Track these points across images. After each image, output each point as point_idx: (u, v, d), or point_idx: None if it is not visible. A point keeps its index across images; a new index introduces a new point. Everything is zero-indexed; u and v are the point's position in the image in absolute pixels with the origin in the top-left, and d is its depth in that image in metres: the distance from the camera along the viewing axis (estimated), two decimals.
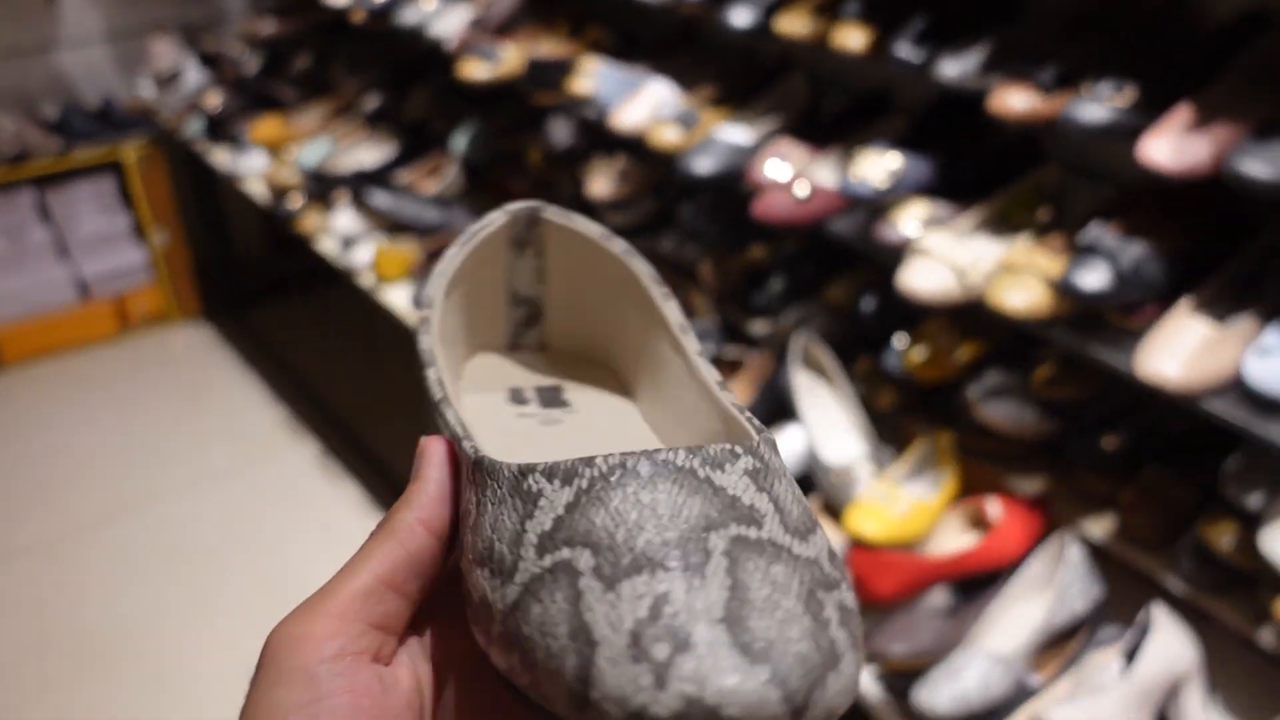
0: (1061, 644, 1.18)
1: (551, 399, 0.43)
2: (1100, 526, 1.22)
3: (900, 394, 1.40)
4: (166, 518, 2.36)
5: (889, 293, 1.25)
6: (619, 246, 0.42)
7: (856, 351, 1.47)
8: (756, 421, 0.35)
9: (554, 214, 0.42)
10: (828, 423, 1.39)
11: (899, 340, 1.38)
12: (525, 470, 0.31)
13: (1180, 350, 1.01)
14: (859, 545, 1.18)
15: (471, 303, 0.42)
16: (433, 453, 0.36)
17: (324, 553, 2.25)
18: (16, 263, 2.83)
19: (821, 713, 0.26)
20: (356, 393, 2.69)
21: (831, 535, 1.29)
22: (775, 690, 0.26)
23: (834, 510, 1.34)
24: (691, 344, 0.40)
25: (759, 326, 1.61)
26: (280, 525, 2.33)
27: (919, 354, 1.34)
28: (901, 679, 1.15)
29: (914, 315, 1.41)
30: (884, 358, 1.38)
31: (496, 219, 0.41)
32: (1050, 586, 1.17)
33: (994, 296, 1.12)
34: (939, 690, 1.08)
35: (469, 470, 0.34)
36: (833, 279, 1.51)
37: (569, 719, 0.27)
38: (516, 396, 0.43)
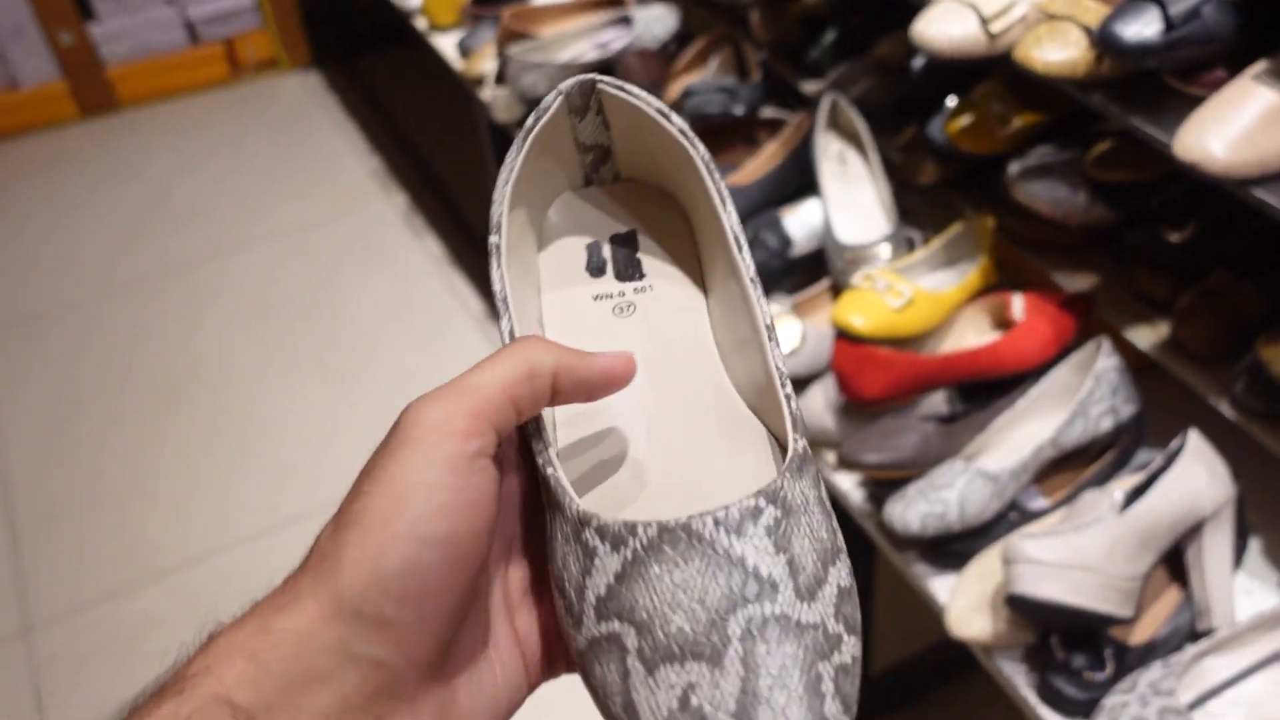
0: (1083, 467, 1.03)
1: (627, 265, 0.44)
2: (1149, 335, 1.04)
3: (943, 168, 1.21)
4: (253, 264, 2.38)
5: None
6: (676, 125, 0.41)
7: (906, 118, 1.28)
8: (794, 407, 0.37)
9: (609, 85, 0.41)
10: (851, 196, 1.22)
11: (951, 103, 1.19)
12: (583, 521, 0.34)
13: (1233, 126, 0.80)
14: (844, 337, 1.04)
15: (537, 180, 0.43)
16: (612, 366, 0.37)
17: (397, 305, 2.23)
18: (125, 2, 2.81)
19: None
20: (447, 150, 2.61)
21: (822, 323, 1.14)
22: None
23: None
24: (747, 265, 0.40)
25: (810, 87, 1.42)
26: (358, 275, 2.32)
27: (964, 121, 1.14)
28: (882, 488, 1.03)
29: (969, 78, 1.20)
30: (929, 125, 1.19)
31: (548, 103, 0.41)
32: (1072, 400, 1.01)
33: (1025, 51, 0.92)
34: (912, 506, 0.96)
35: (542, 479, 0.37)
36: (885, 34, 1.30)
37: None
38: (594, 259, 0.44)
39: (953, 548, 0.98)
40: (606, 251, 0.45)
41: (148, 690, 0.31)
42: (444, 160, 2.55)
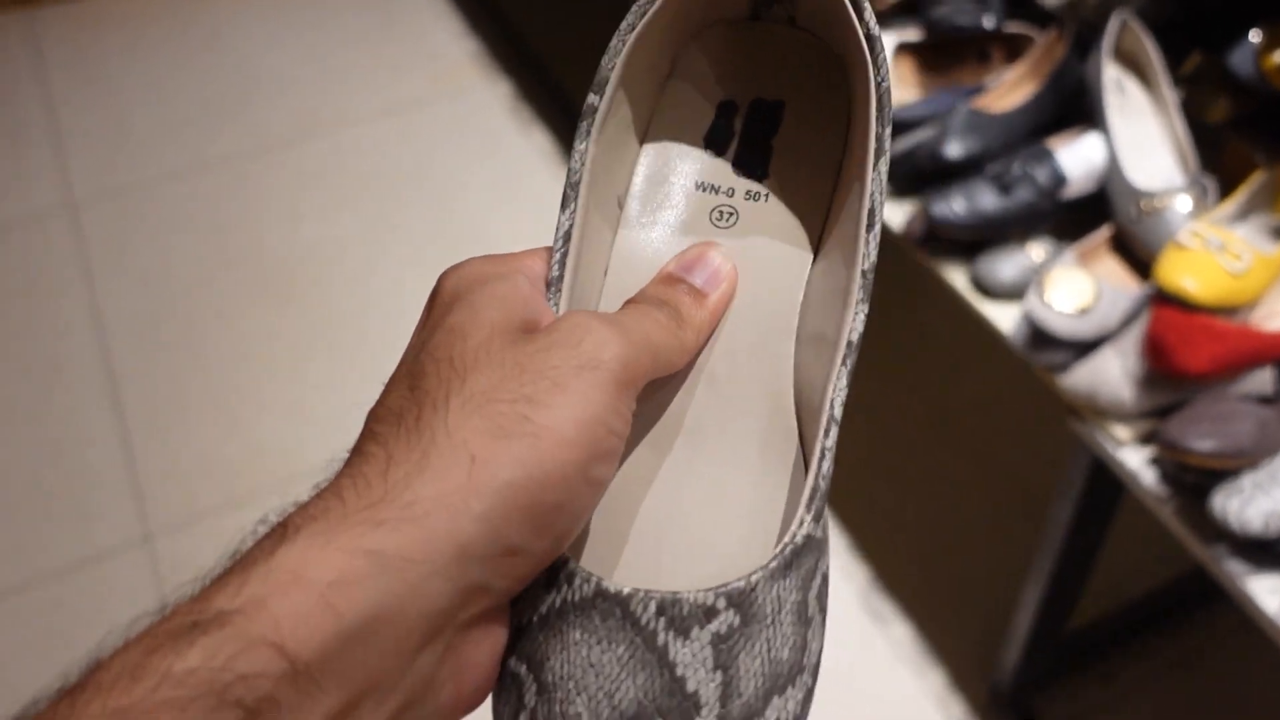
0: None
1: (756, 150, 0.37)
2: None
3: (1238, 106, 1.08)
4: (351, 144, 2.24)
5: None
6: (867, 24, 0.33)
7: (1185, 45, 1.14)
8: (823, 471, 0.31)
9: None
10: (1138, 135, 1.09)
11: (1256, 34, 1.05)
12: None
13: None
14: (1169, 303, 0.92)
15: (688, 6, 0.35)
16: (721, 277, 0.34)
17: (504, 199, 2.10)
18: None
19: None
20: (557, 35, 2.44)
21: (1125, 280, 1.03)
22: None
23: (1126, 247, 1.07)
24: (869, 245, 0.34)
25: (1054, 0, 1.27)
26: (462, 164, 2.18)
27: None
28: (1191, 472, 0.93)
29: (1273, 5, 1.06)
30: (1231, 55, 1.05)
31: None
32: None
33: None
34: (1253, 503, 0.86)
35: None
36: None
37: None
38: (721, 126, 0.37)
39: None
40: (740, 121, 0.37)
41: (171, 607, 0.24)
42: (555, 48, 2.38)
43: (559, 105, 2.27)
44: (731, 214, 0.36)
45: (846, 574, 1.45)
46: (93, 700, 0.22)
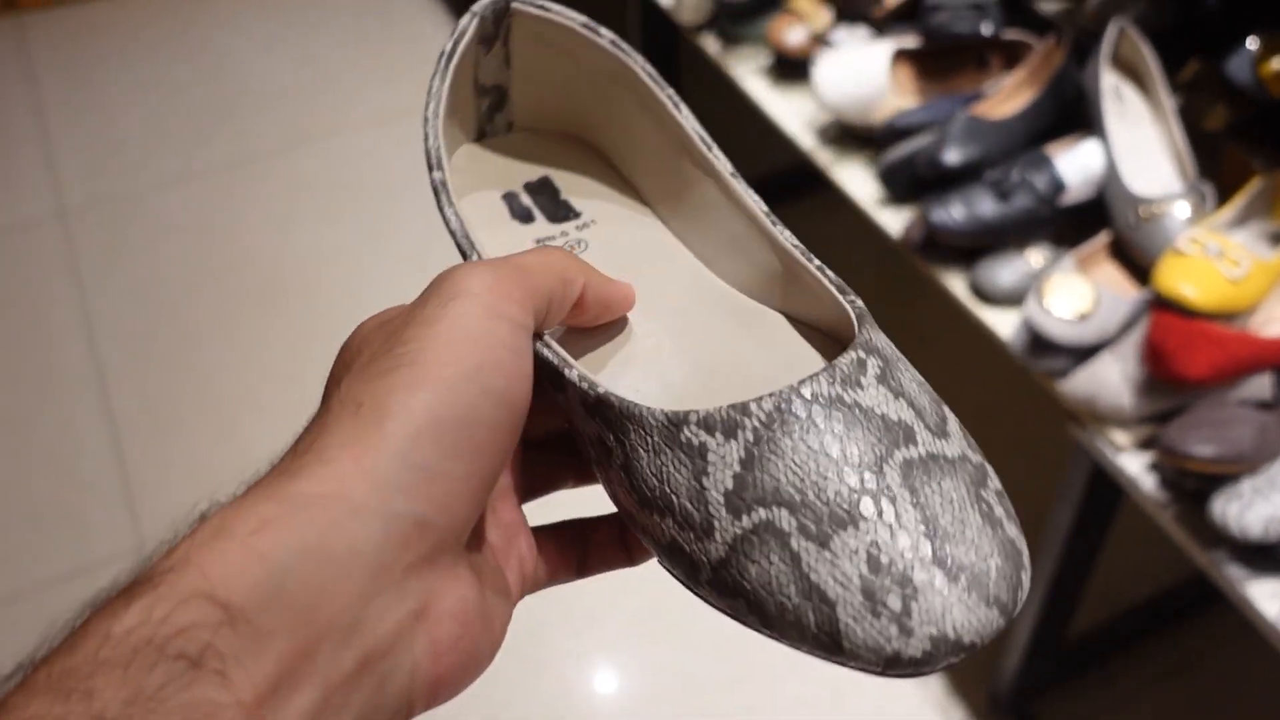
0: None
1: (555, 207, 0.41)
2: None
3: (1236, 113, 1.08)
4: (344, 151, 2.23)
5: None
6: (607, 38, 0.39)
7: (1183, 52, 1.14)
8: (834, 277, 0.35)
9: (523, 4, 0.39)
10: (1136, 142, 1.10)
11: (1253, 42, 1.05)
12: (676, 422, 0.31)
13: None
14: (1168, 309, 0.93)
15: (449, 113, 0.39)
16: (625, 299, 0.35)
17: None
18: None
19: (1021, 605, 0.29)
20: None
21: (1124, 285, 1.03)
22: (993, 609, 0.29)
23: (1125, 253, 1.07)
24: (723, 163, 0.38)
25: (1050, 4, 1.27)
26: None
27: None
28: (1191, 478, 0.93)
29: (1273, 13, 1.06)
30: (1228, 62, 1.06)
31: (465, 24, 0.38)
32: None
33: None
34: (1252, 508, 0.86)
35: (580, 402, 0.33)
36: None
37: (811, 651, 0.29)
38: (515, 207, 0.41)
39: None
40: (526, 199, 0.41)
41: (117, 584, 0.25)
42: None
43: None
44: (580, 243, 0.39)
45: None
46: (39, 669, 0.23)
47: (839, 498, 0.29)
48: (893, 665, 0.28)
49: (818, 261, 0.35)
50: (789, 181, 1.96)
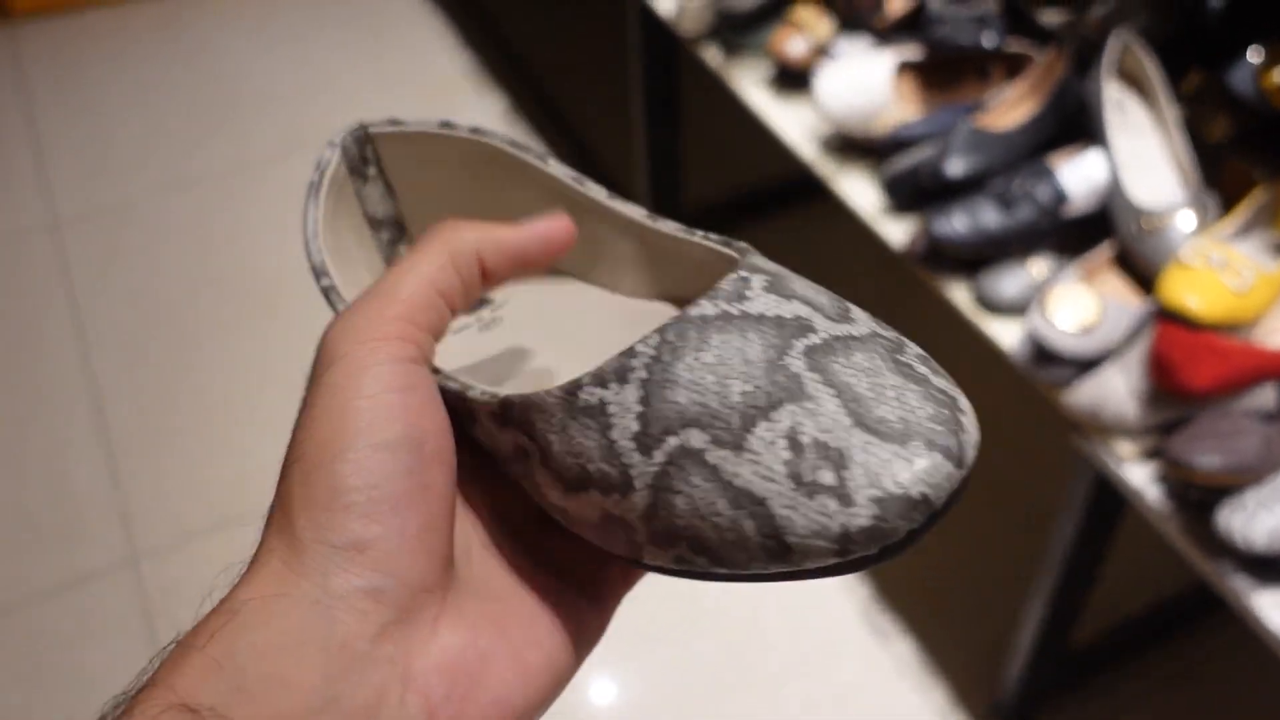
0: None
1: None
2: None
3: (1238, 124, 1.09)
4: None
5: None
6: (464, 130, 0.39)
7: (1185, 63, 1.15)
8: (716, 237, 0.35)
9: (380, 127, 0.39)
10: (1139, 152, 1.10)
11: (1255, 54, 1.06)
12: (572, 390, 0.30)
13: None
14: (1172, 320, 0.93)
15: (343, 253, 0.39)
16: (549, 228, 0.34)
17: None
18: None
19: (972, 450, 0.28)
20: (551, 50, 2.45)
21: (1128, 296, 1.03)
22: (936, 454, 0.27)
23: (1128, 264, 1.07)
24: (596, 190, 0.38)
25: (1051, 16, 1.28)
26: None
27: None
28: (1195, 489, 0.93)
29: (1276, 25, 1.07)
30: (1231, 73, 1.06)
31: (327, 156, 0.39)
32: None
33: None
34: (1256, 519, 0.86)
35: (490, 419, 0.32)
36: None
37: (771, 570, 0.28)
38: None
39: None
40: None
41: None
42: (549, 62, 2.39)
43: (552, 120, 2.27)
44: (494, 320, 0.39)
45: (848, 590, 1.45)
46: None
47: (745, 397, 0.28)
48: (849, 546, 0.27)
49: (701, 232, 0.35)
50: (789, 190, 1.97)
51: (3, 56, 2.48)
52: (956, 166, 1.13)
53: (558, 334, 0.38)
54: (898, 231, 1.19)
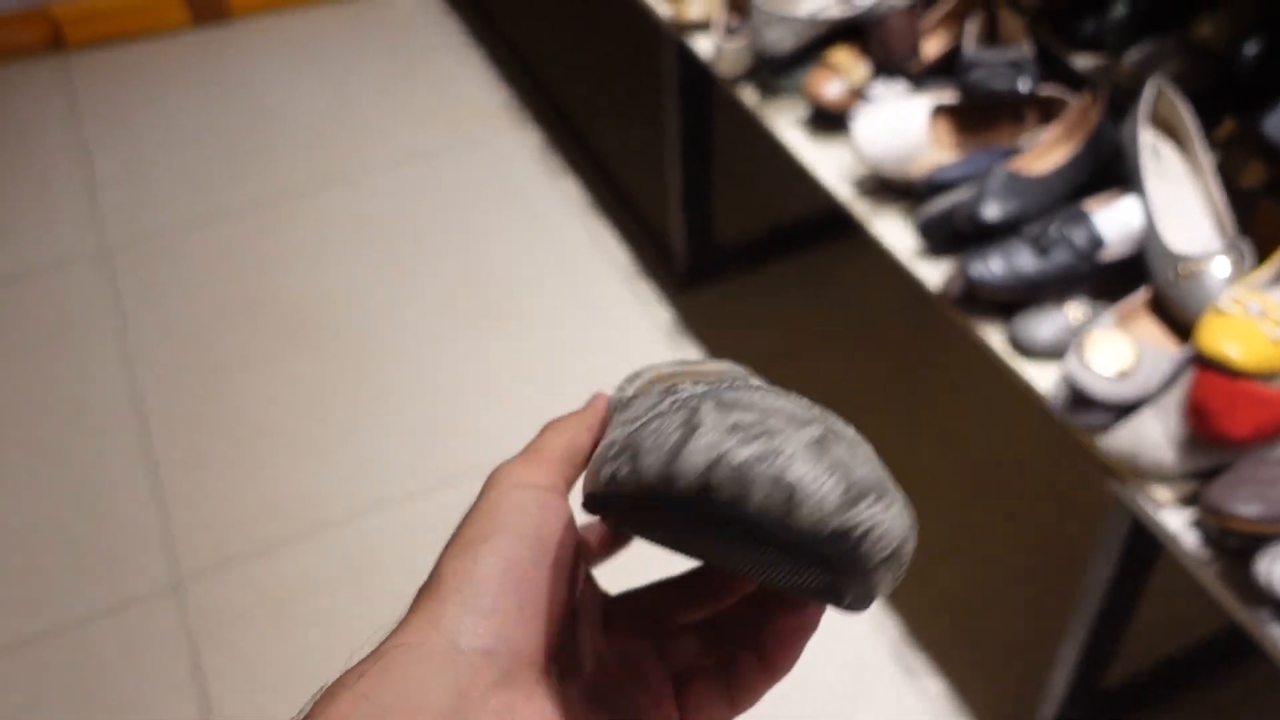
0: None
1: None
2: None
3: (1272, 171, 1.10)
4: (378, 191, 2.27)
5: None
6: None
7: (1218, 110, 1.16)
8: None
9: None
10: (1174, 199, 1.11)
11: None
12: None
13: None
14: (1211, 368, 0.94)
15: None
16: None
17: (531, 246, 2.12)
18: None
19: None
20: (587, 86, 2.48)
21: (1164, 342, 1.04)
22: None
23: (1164, 309, 1.08)
24: None
25: (1084, 61, 1.29)
26: (491, 212, 2.20)
27: None
28: (1234, 536, 0.93)
29: None
30: (1265, 121, 1.07)
31: None
32: None
33: None
34: None
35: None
36: (1203, 11, 1.17)
37: (652, 484, 0.31)
38: None
39: None
40: None
41: None
42: (584, 98, 2.42)
43: (587, 155, 2.30)
44: None
45: (878, 628, 1.45)
46: None
47: (769, 410, 0.32)
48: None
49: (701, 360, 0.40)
50: (822, 225, 1.99)
51: (58, 87, 2.54)
52: (993, 210, 1.14)
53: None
54: (933, 274, 1.21)
